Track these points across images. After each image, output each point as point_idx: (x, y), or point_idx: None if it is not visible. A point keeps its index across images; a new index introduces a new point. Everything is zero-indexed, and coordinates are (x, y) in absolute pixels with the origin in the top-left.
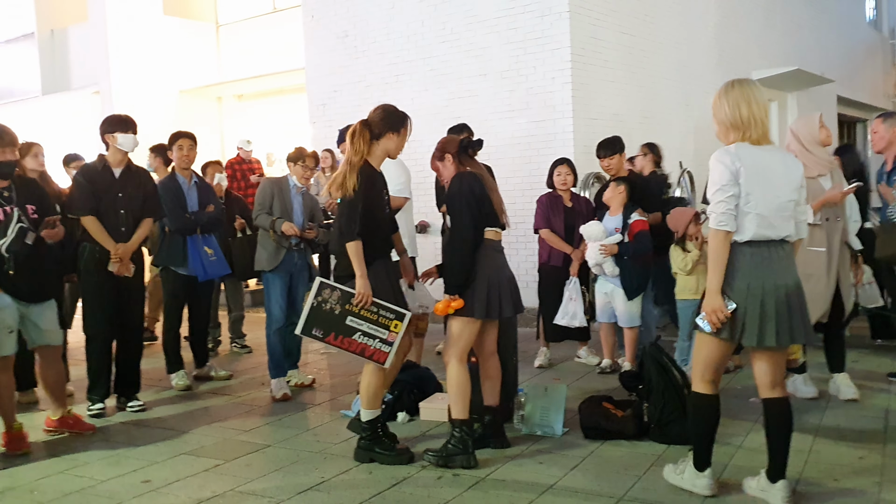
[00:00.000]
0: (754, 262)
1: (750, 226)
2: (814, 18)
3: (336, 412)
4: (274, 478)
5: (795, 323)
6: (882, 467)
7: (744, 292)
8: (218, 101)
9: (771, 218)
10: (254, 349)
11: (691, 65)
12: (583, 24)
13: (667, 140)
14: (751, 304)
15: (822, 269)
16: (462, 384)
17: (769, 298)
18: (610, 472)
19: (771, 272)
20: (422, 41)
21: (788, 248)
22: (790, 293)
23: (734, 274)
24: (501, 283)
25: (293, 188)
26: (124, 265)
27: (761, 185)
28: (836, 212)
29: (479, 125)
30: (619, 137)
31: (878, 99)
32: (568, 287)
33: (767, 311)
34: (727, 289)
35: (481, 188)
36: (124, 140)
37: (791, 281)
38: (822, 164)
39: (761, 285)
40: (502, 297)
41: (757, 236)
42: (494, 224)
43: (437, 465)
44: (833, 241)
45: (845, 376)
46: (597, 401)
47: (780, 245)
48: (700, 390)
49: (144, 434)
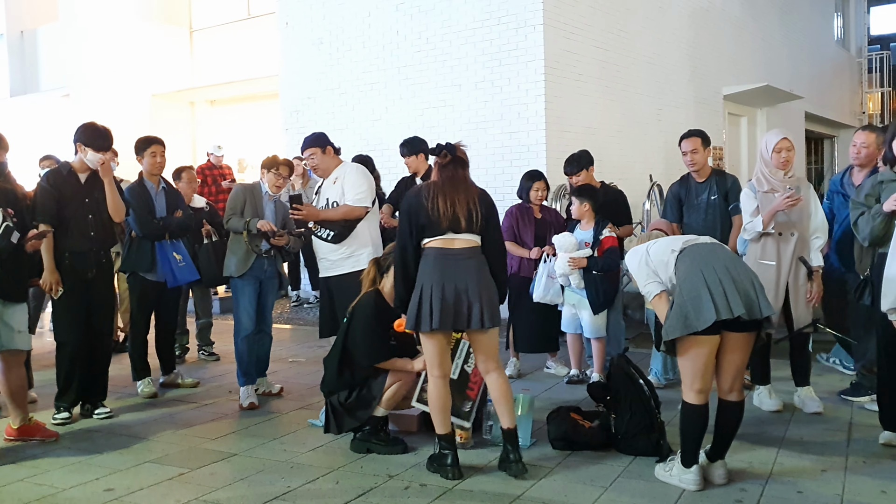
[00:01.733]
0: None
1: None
2: (784, 37)
3: (304, 421)
4: (239, 487)
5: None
6: (844, 479)
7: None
8: (191, 105)
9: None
10: (222, 357)
11: (664, 80)
12: (557, 38)
13: (638, 154)
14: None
15: (770, 283)
16: (436, 399)
17: (724, 277)
18: (577, 484)
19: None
20: (397, 50)
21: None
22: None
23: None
24: (434, 295)
25: (265, 195)
26: (54, 285)
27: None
28: (791, 227)
29: (452, 136)
30: (587, 152)
31: (845, 116)
32: (547, 266)
33: (727, 287)
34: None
35: (416, 200)
36: (94, 158)
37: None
38: (770, 181)
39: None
40: (433, 308)
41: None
42: (435, 233)
43: (430, 469)
44: (784, 255)
45: (809, 390)
46: (565, 412)
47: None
48: (689, 400)
49: (108, 441)
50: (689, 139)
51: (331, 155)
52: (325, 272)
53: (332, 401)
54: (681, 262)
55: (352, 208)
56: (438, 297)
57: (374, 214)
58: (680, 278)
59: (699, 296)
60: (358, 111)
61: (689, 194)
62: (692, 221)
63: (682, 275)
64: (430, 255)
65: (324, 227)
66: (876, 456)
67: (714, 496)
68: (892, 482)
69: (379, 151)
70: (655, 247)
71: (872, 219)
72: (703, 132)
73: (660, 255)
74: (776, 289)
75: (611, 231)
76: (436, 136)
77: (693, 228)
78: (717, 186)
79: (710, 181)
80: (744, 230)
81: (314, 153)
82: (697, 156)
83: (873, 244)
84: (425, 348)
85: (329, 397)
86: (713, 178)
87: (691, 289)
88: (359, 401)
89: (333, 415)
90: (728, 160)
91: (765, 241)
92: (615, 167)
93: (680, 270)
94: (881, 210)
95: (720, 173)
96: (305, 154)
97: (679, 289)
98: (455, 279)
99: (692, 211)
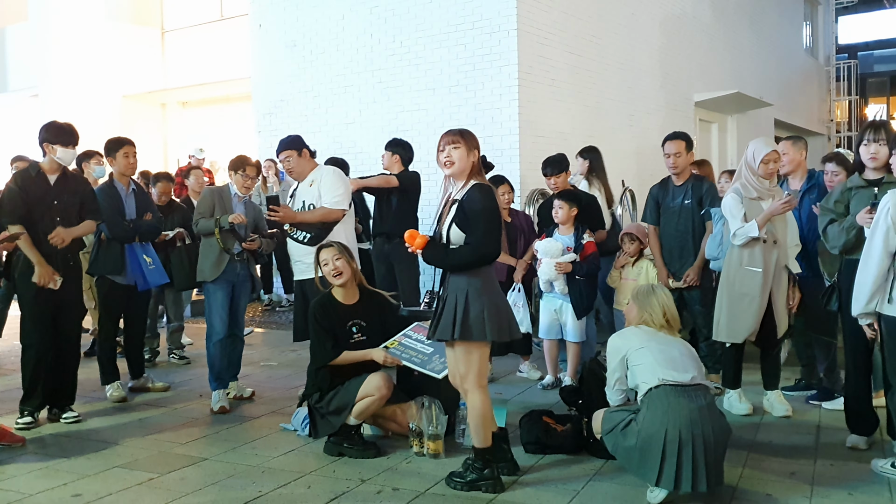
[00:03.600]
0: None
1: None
2: (754, 44)
3: (276, 426)
4: (210, 492)
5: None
6: (813, 482)
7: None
8: (162, 107)
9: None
10: (193, 360)
11: (636, 86)
12: (531, 43)
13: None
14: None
15: (756, 290)
16: (484, 411)
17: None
18: (549, 487)
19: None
20: (371, 53)
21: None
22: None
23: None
24: (506, 306)
25: (234, 196)
26: (51, 277)
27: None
28: (775, 234)
29: (426, 139)
30: (565, 155)
31: (813, 124)
32: (512, 294)
33: (684, 457)
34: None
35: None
36: (64, 154)
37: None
38: (758, 189)
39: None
40: (510, 318)
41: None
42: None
43: (462, 490)
44: (769, 262)
45: (778, 393)
46: (537, 415)
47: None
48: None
49: (76, 446)
50: (674, 141)
51: (306, 158)
52: (299, 275)
53: (310, 404)
54: (651, 400)
55: (329, 211)
56: (496, 306)
57: (350, 217)
58: (642, 416)
59: (650, 450)
60: (331, 114)
61: (665, 197)
62: (666, 224)
63: (646, 417)
64: (491, 266)
65: (300, 229)
66: (843, 459)
67: (683, 499)
68: (859, 485)
69: (353, 154)
70: (637, 359)
71: (846, 232)
72: (687, 135)
73: (638, 376)
74: (761, 295)
75: (589, 236)
76: (409, 139)
77: (666, 232)
78: (692, 191)
79: (686, 185)
80: (734, 236)
81: (290, 156)
82: (680, 159)
83: (843, 253)
84: (482, 360)
85: (304, 400)
86: (690, 183)
87: (647, 439)
88: (332, 406)
89: (311, 419)
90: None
91: (752, 247)
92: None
93: (646, 409)
94: (855, 223)
95: (698, 178)
96: (281, 157)
97: (639, 425)
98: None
99: (667, 214)
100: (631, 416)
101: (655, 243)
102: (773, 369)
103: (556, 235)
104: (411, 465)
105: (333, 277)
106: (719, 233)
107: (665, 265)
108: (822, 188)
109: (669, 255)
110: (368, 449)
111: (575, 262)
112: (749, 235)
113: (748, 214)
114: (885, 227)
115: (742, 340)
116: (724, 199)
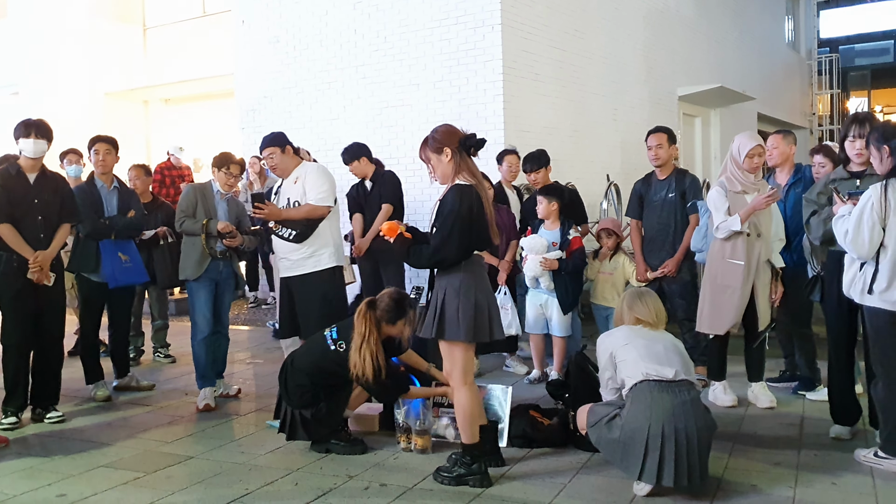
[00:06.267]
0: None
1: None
2: (737, 38)
3: (262, 423)
4: (196, 490)
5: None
6: (797, 472)
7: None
8: (144, 104)
9: None
10: (178, 359)
11: (620, 80)
12: (515, 38)
13: (595, 153)
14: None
15: (738, 282)
16: (473, 407)
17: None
18: (536, 480)
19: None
20: (354, 49)
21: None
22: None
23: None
24: (490, 305)
25: (217, 194)
26: (44, 273)
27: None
28: (759, 228)
29: (411, 135)
30: (545, 151)
31: (795, 117)
32: (498, 296)
33: (667, 452)
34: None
35: (479, 208)
36: (25, 145)
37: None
38: (743, 183)
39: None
40: (492, 318)
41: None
42: (482, 248)
43: (450, 485)
44: (752, 255)
45: (763, 385)
46: (523, 409)
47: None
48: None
49: (61, 446)
50: (656, 134)
51: (290, 154)
52: (285, 272)
53: (301, 413)
54: (635, 395)
55: (314, 207)
56: (476, 306)
57: (336, 214)
58: (626, 411)
59: (634, 444)
60: (315, 110)
61: (648, 191)
62: (648, 218)
63: (630, 411)
64: (478, 264)
65: (285, 226)
66: (827, 449)
67: (669, 491)
68: (843, 474)
69: (337, 151)
70: (622, 355)
71: (824, 223)
72: (669, 129)
73: (623, 371)
74: (743, 288)
75: (575, 232)
76: (394, 135)
77: (649, 225)
78: (675, 184)
79: (669, 179)
80: (717, 229)
81: (273, 152)
82: (662, 151)
83: (824, 244)
84: (465, 358)
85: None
86: (673, 177)
87: (631, 434)
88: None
89: (303, 425)
90: (683, 160)
91: (735, 240)
92: (572, 167)
93: (630, 404)
94: (832, 214)
95: (681, 172)
96: (264, 153)
97: (623, 419)
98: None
99: (649, 208)
100: (616, 411)
101: (637, 237)
102: (757, 361)
103: (541, 231)
104: (398, 460)
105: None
106: (704, 225)
107: (644, 259)
108: (808, 181)
109: (650, 248)
110: (355, 445)
111: (561, 259)
112: (731, 229)
113: (732, 208)
114: (870, 222)
115: (724, 332)
116: (710, 192)
